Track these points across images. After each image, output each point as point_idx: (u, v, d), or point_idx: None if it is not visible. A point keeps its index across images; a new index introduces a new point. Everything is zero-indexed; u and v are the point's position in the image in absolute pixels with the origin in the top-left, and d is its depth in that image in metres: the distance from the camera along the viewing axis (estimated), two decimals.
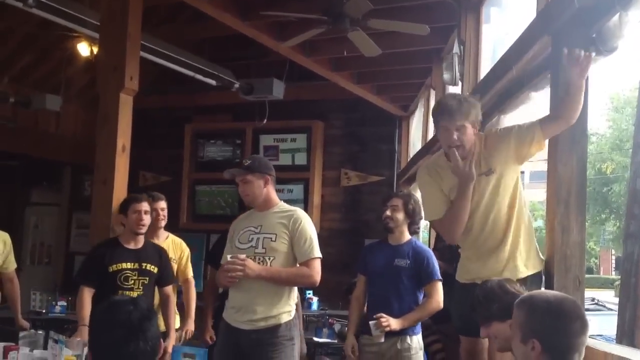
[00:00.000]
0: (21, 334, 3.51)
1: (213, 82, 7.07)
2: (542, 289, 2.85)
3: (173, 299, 4.40)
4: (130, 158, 4.75)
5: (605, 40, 2.74)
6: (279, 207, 3.63)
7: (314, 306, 7.10)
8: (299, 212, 3.62)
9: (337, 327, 5.73)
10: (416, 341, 3.94)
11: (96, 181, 4.62)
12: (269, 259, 3.47)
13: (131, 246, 4.16)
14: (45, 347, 3.34)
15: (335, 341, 5.57)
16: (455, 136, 2.89)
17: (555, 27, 2.80)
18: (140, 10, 4.71)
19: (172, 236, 4.82)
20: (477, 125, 2.97)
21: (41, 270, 9.77)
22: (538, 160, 3.18)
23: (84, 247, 5.39)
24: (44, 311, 6.66)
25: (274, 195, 3.64)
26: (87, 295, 4.04)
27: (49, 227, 10.17)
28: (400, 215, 3.99)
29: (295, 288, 3.64)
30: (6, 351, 3.35)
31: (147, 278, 4.14)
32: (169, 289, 4.37)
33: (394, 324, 3.78)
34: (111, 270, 4.04)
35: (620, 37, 2.70)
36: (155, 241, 4.60)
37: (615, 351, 2.38)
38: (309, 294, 7.09)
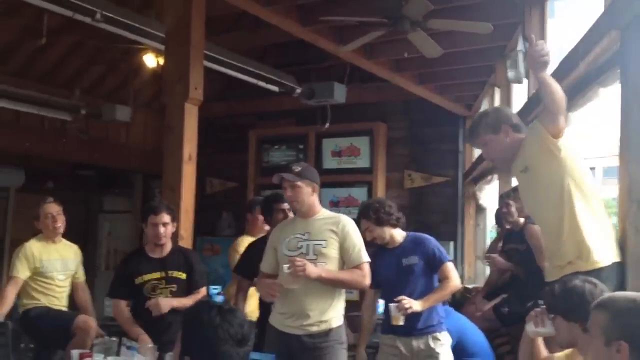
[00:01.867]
0: (95, 340, 3.60)
1: (276, 89, 7.14)
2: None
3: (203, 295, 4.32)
4: (197, 165, 4.85)
5: None
6: (322, 214, 3.68)
7: (381, 308, 7.05)
8: (345, 218, 3.66)
9: None
10: (446, 336, 3.92)
11: (164, 189, 4.74)
12: (321, 264, 3.49)
13: (156, 255, 4.12)
14: (118, 354, 3.42)
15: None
16: (483, 153, 3.31)
17: (624, 21, 2.71)
18: (203, 21, 4.80)
19: None
20: (507, 130, 3.05)
21: None
22: (611, 156, 3.08)
23: None
24: None
25: (318, 203, 3.68)
26: (123, 306, 4.07)
27: (121, 234, 10.47)
28: (377, 231, 3.96)
29: (344, 292, 3.67)
30: (81, 358, 3.44)
31: (175, 285, 4.08)
32: (201, 290, 4.27)
33: (415, 305, 3.75)
34: (137, 282, 4.02)
35: None
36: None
37: None
38: None
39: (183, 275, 4.15)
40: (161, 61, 6.70)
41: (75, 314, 4.77)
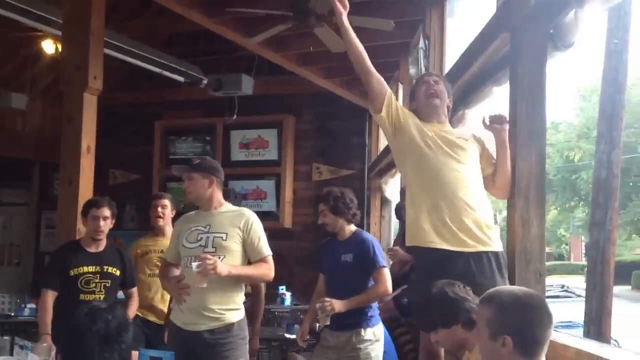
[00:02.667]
0: None
1: (181, 79, 7.03)
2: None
3: (136, 299, 4.40)
4: (99, 156, 4.71)
5: (562, 36, 2.79)
6: (225, 208, 3.70)
7: (287, 301, 7.09)
8: (248, 211, 3.69)
9: None
10: (371, 333, 4.02)
11: (61, 182, 4.59)
12: (220, 257, 3.47)
13: (92, 249, 4.14)
14: (11, 353, 3.30)
15: (307, 337, 5.59)
16: (432, 81, 3.10)
17: (513, 24, 2.85)
18: (103, 8, 4.66)
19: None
20: (451, 101, 3.16)
21: (11, 271, 9.65)
22: None
23: (54, 247, 5.33)
24: (12, 314, 6.53)
25: (219, 196, 3.68)
26: (50, 299, 4.01)
27: (18, 227, 10.02)
28: (330, 218, 4.07)
29: (243, 286, 3.70)
30: None
31: (109, 281, 4.12)
32: (134, 289, 4.37)
33: (337, 305, 3.86)
34: (72, 274, 4.01)
35: (576, 33, 2.75)
36: (162, 240, 4.65)
37: (574, 344, 2.43)
38: (282, 289, 7.10)
39: (117, 272, 4.19)
40: (60, 47, 6.46)
41: None
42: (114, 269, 4.16)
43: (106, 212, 4.11)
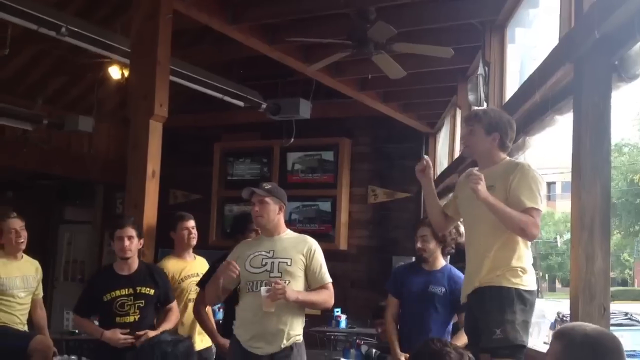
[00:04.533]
0: (55, 359, 3.59)
1: (241, 104, 7.16)
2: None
3: (176, 313, 4.37)
4: (160, 176, 4.82)
5: (627, 67, 2.74)
6: (288, 234, 3.76)
7: (342, 324, 7.10)
8: (310, 239, 3.75)
9: (364, 348, 5.68)
10: None
11: (127, 205, 4.71)
12: (285, 282, 3.52)
13: (124, 272, 4.20)
14: None
15: None
16: (464, 133, 3.32)
17: (577, 55, 2.82)
18: (169, 38, 4.79)
19: (198, 257, 4.84)
20: (495, 139, 3.14)
21: (75, 286, 9.95)
22: (569, 172, 3.20)
23: None
24: (76, 331, 6.70)
25: (283, 223, 3.76)
26: (82, 319, 4.26)
27: (81, 244, 10.38)
28: (432, 244, 4.03)
29: (304, 312, 3.73)
30: None
31: (143, 301, 4.15)
32: (172, 304, 4.36)
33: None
34: (106, 299, 4.10)
35: None
36: (185, 260, 4.66)
37: None
38: (337, 312, 7.12)
39: (151, 292, 4.21)
40: (126, 73, 6.67)
41: (32, 334, 4.68)
42: (147, 289, 4.19)
43: (130, 231, 4.18)
